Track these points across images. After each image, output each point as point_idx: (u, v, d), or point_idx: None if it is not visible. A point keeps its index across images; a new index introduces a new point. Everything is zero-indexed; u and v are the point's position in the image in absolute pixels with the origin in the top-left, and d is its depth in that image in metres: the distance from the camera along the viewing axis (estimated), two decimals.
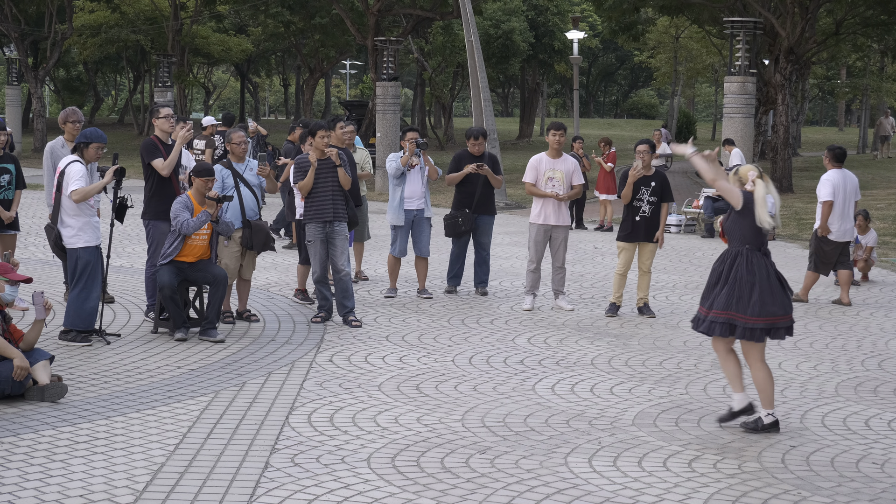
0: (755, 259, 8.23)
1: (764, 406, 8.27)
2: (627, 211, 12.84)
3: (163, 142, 11.65)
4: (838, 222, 13.81)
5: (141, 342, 10.85)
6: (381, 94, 31.70)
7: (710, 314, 8.26)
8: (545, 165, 13.17)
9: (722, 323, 8.21)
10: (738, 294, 8.16)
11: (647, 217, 12.77)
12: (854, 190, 13.99)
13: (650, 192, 12.75)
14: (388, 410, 8.62)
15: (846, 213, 13.89)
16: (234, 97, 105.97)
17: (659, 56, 67.72)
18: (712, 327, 8.26)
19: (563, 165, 13.21)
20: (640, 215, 12.75)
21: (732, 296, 8.17)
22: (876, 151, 49.29)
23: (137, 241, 18.00)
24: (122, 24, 56.40)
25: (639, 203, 12.76)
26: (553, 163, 13.20)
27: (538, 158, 13.27)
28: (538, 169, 13.16)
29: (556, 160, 13.23)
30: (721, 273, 8.31)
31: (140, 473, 7.00)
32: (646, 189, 12.75)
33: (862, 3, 34.37)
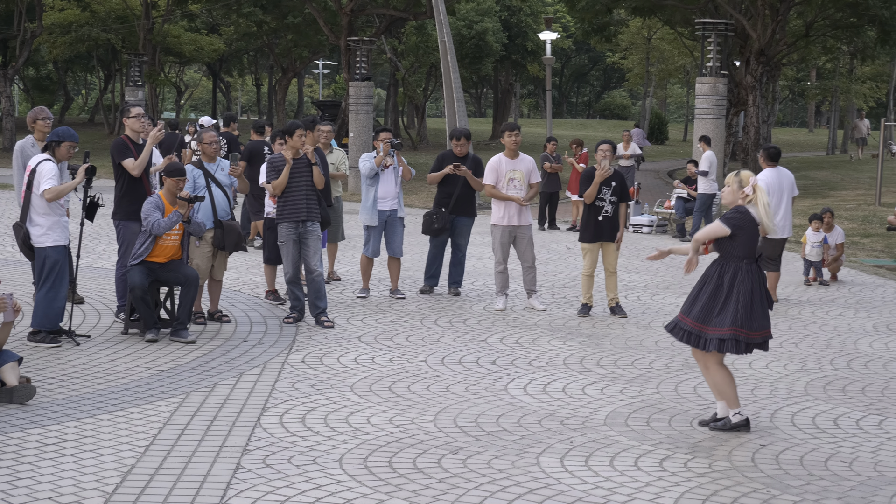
0: (754, 272, 8.22)
1: (730, 406, 8.29)
2: (589, 211, 12.90)
3: (133, 141, 11.60)
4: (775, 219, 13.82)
5: (111, 343, 10.80)
6: (354, 95, 31.65)
7: (717, 331, 8.14)
8: (505, 167, 13.19)
9: (728, 339, 8.14)
10: (743, 310, 8.11)
11: (610, 217, 12.84)
12: (790, 187, 14.11)
13: (611, 192, 12.84)
14: (361, 411, 8.61)
15: (781, 209, 13.96)
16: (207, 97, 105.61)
17: (631, 57, 67.93)
18: (723, 345, 8.18)
19: (521, 165, 13.25)
20: (603, 215, 12.83)
21: (738, 312, 8.11)
22: (853, 153, 49.51)
23: (108, 242, 17.92)
24: (93, 23, 56.10)
25: (601, 203, 12.83)
26: (512, 163, 13.23)
27: (497, 160, 13.28)
28: (498, 170, 13.18)
29: (514, 160, 13.27)
30: (721, 287, 8.21)
31: (110, 475, 6.97)
32: (607, 189, 12.83)
33: (832, 5, 34.57)
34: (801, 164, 47.38)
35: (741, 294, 8.14)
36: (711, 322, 8.17)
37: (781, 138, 72.92)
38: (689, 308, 8.31)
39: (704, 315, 8.22)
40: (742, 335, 8.13)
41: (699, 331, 8.20)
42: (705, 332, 8.17)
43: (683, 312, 8.34)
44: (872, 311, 13.66)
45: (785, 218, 14.03)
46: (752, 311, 8.16)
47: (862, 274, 16.94)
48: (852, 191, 32.47)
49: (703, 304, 8.23)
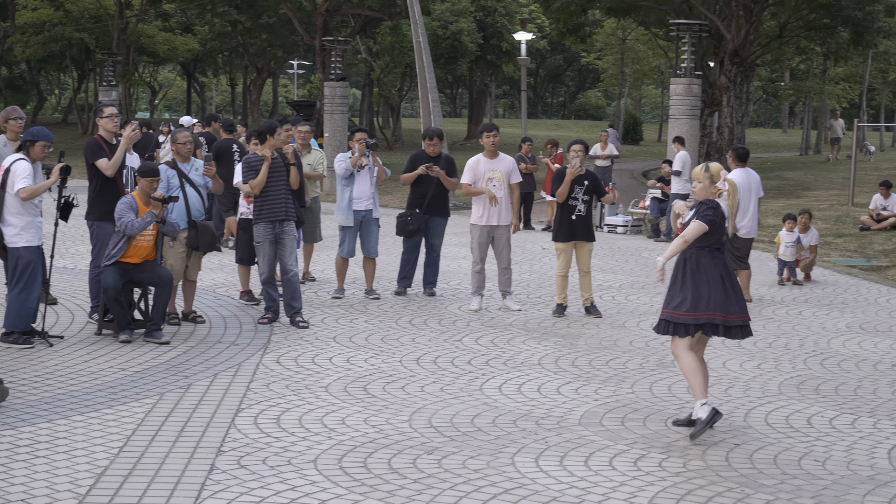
0: (718, 258, 8.26)
1: (696, 398, 8.23)
2: (563, 211, 12.93)
3: (107, 141, 11.55)
4: (742, 219, 14.02)
5: (84, 344, 10.75)
6: (329, 95, 31.61)
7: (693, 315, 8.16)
8: (483, 167, 13.20)
9: (706, 324, 8.17)
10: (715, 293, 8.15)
11: (583, 216, 12.88)
12: (757, 187, 14.27)
13: (584, 191, 12.88)
14: (335, 412, 8.60)
15: (749, 210, 14.12)
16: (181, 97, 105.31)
17: (606, 58, 68.10)
18: (700, 329, 8.20)
19: (501, 165, 13.26)
20: (576, 214, 12.86)
21: (710, 296, 8.15)
22: (830, 154, 49.65)
23: (81, 242, 17.83)
24: (66, 23, 55.86)
25: (574, 202, 12.87)
26: (491, 164, 13.24)
27: (476, 160, 13.30)
28: (476, 170, 13.19)
29: (493, 161, 13.28)
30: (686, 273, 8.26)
31: (83, 477, 6.93)
32: (580, 188, 12.87)
33: (805, 6, 34.75)
34: (775, 165, 47.57)
35: (710, 278, 8.18)
36: (683, 307, 8.19)
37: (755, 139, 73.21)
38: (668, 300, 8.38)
39: (669, 300, 8.28)
40: (719, 318, 8.15)
41: (674, 317, 8.21)
42: (683, 318, 8.18)
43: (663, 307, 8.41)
44: (846, 311, 13.73)
45: (753, 218, 14.17)
46: (727, 294, 8.18)
47: (835, 274, 17.02)
48: (826, 191, 32.62)
49: (675, 292, 8.28)
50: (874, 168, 41.14)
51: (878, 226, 22.40)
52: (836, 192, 31.37)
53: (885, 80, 70.10)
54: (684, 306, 8.18)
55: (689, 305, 8.16)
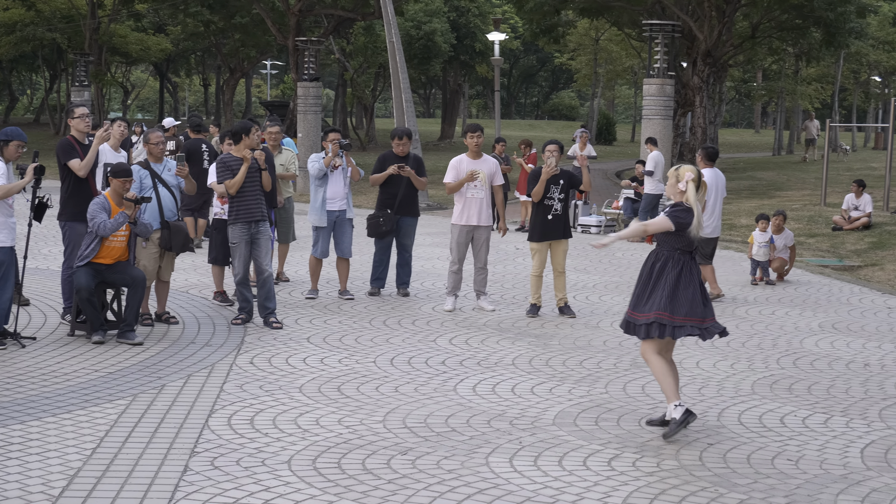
0: (685, 261, 8.29)
1: (669, 400, 8.27)
2: (538, 211, 12.94)
3: (79, 142, 11.50)
4: (708, 219, 14.19)
5: (57, 345, 10.70)
6: (302, 95, 31.56)
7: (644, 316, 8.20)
8: (466, 166, 13.21)
9: (653, 324, 8.19)
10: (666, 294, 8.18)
11: (559, 215, 12.90)
12: (722, 188, 14.57)
13: (559, 189, 12.90)
14: (309, 412, 8.58)
15: (715, 210, 14.40)
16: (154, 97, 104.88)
17: (579, 58, 68.24)
18: (649, 329, 8.19)
19: (484, 166, 13.27)
20: (552, 213, 12.87)
21: (661, 297, 8.17)
22: (805, 154, 49.79)
23: (54, 243, 17.74)
24: (38, 23, 55.55)
25: (549, 202, 12.88)
26: (474, 164, 13.24)
27: (459, 159, 13.31)
28: (459, 169, 13.20)
29: (476, 161, 13.28)
30: (651, 275, 8.29)
31: (56, 479, 6.90)
32: (555, 188, 12.89)
33: (777, 7, 34.91)
34: (748, 165, 47.77)
35: (667, 279, 8.22)
36: (641, 308, 8.23)
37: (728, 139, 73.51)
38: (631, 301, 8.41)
39: (636, 302, 8.31)
40: (665, 318, 8.15)
41: (631, 318, 8.28)
42: (635, 318, 8.24)
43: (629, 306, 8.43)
44: (818, 311, 13.80)
45: (718, 218, 14.47)
46: (676, 295, 8.18)
47: (808, 273, 17.11)
48: (798, 191, 32.77)
49: (636, 292, 8.32)
50: (846, 168, 41.37)
51: (850, 225, 22.53)
52: (809, 193, 31.53)
53: (857, 81, 70.54)
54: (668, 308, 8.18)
55: (668, 308, 8.17)
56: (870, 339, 12.08)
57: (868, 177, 31.14)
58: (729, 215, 25.86)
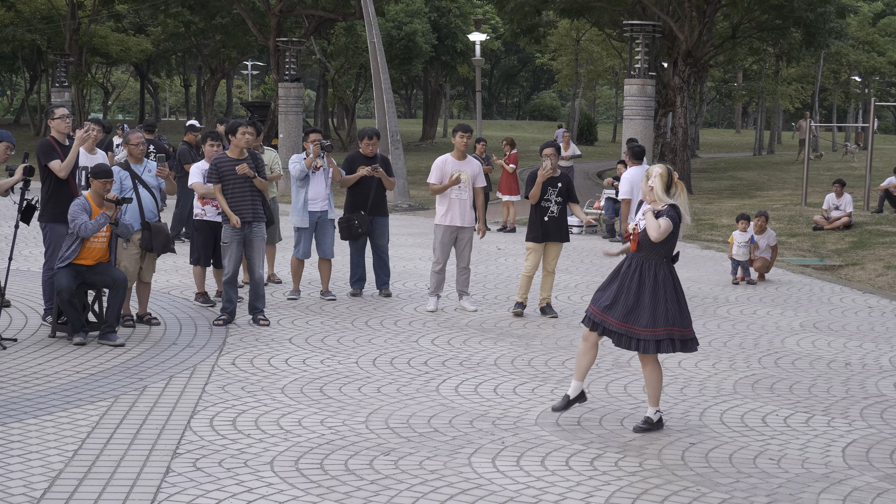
0: (672, 272, 8.34)
1: (654, 404, 8.37)
2: (535, 212, 12.93)
3: (59, 143, 11.46)
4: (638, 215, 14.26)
5: (38, 347, 10.66)
6: (284, 96, 31.51)
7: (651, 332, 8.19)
8: (451, 167, 13.19)
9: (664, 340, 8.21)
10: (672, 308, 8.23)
11: (556, 217, 12.90)
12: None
13: (557, 192, 12.88)
14: (292, 413, 8.57)
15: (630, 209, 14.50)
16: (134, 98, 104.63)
17: (560, 58, 68.37)
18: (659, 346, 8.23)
19: (468, 167, 13.25)
20: (549, 216, 12.87)
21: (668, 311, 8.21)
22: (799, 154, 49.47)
23: (34, 244, 17.67)
24: (18, 23, 55.33)
25: (546, 203, 12.88)
26: (458, 164, 13.23)
27: (443, 160, 13.30)
28: (443, 170, 13.19)
29: (461, 162, 13.27)
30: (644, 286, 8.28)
31: (38, 480, 6.87)
32: (553, 190, 12.88)
33: (757, 7, 35.02)
34: (729, 165, 47.95)
35: (667, 293, 8.23)
36: (641, 322, 8.22)
37: (709, 139, 73.77)
38: (610, 305, 8.33)
39: (627, 314, 8.27)
40: (676, 333, 8.22)
41: (627, 331, 8.25)
42: (635, 333, 8.22)
43: (603, 310, 8.35)
44: (799, 310, 13.85)
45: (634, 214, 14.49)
46: (681, 308, 8.26)
47: (789, 273, 17.16)
48: (779, 191, 32.90)
49: (629, 303, 8.27)
50: (826, 168, 41.55)
51: (831, 225, 22.62)
52: (790, 192, 31.66)
53: (837, 81, 70.89)
54: (641, 321, 8.20)
55: (648, 321, 8.20)
56: (851, 338, 12.13)
57: (848, 177, 31.29)
58: (710, 215, 25.94)
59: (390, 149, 27.26)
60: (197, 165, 13.17)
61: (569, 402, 8.63)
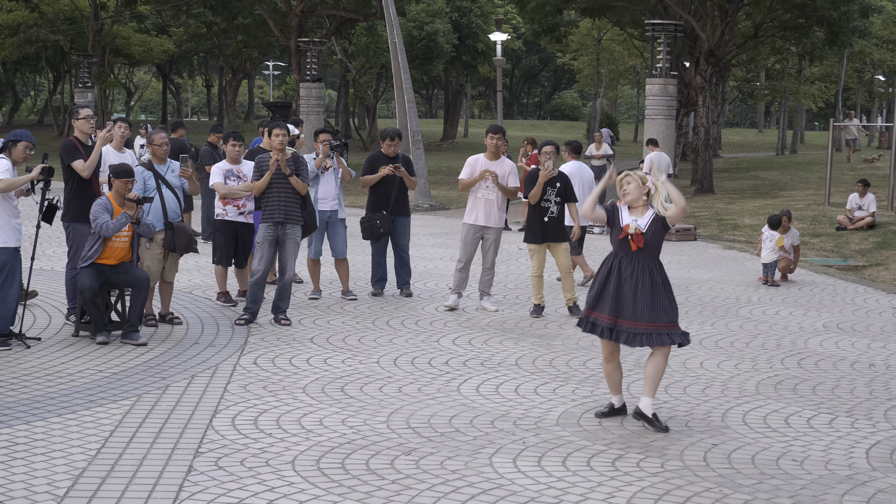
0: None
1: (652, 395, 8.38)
2: (534, 213, 12.93)
3: (83, 143, 11.51)
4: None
5: (62, 346, 10.70)
6: (305, 96, 31.59)
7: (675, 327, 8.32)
8: (482, 166, 13.17)
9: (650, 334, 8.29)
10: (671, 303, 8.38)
11: (555, 217, 12.89)
12: (590, 181, 15.29)
13: (556, 192, 12.89)
14: (313, 412, 8.58)
15: (584, 199, 14.60)
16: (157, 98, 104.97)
17: (581, 58, 68.25)
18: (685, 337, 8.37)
19: (499, 168, 13.20)
20: (549, 216, 12.86)
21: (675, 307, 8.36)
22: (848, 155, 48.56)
23: (58, 244, 17.75)
24: (42, 24, 55.63)
25: (546, 204, 12.88)
26: (489, 164, 13.20)
27: (475, 158, 13.30)
28: (474, 167, 13.17)
29: (492, 162, 13.24)
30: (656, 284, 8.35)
31: (61, 479, 6.90)
32: (552, 190, 12.89)
33: (780, 6, 34.88)
34: (751, 165, 47.76)
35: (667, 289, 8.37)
36: (663, 319, 8.26)
37: (731, 139, 73.53)
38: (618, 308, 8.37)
39: (650, 312, 8.29)
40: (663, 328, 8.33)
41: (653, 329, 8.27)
42: (660, 329, 8.25)
43: (613, 314, 8.39)
44: (822, 311, 13.79)
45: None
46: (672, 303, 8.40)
47: (812, 273, 17.09)
48: (802, 191, 32.76)
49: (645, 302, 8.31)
50: (850, 168, 41.35)
51: (855, 225, 22.51)
52: (813, 192, 31.52)
53: (861, 80, 70.55)
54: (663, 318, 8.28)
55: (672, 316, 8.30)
56: (874, 339, 12.07)
57: (872, 176, 31.12)
58: (732, 215, 25.85)
59: (411, 149, 27.28)
60: (218, 166, 13.20)
61: (613, 411, 8.64)
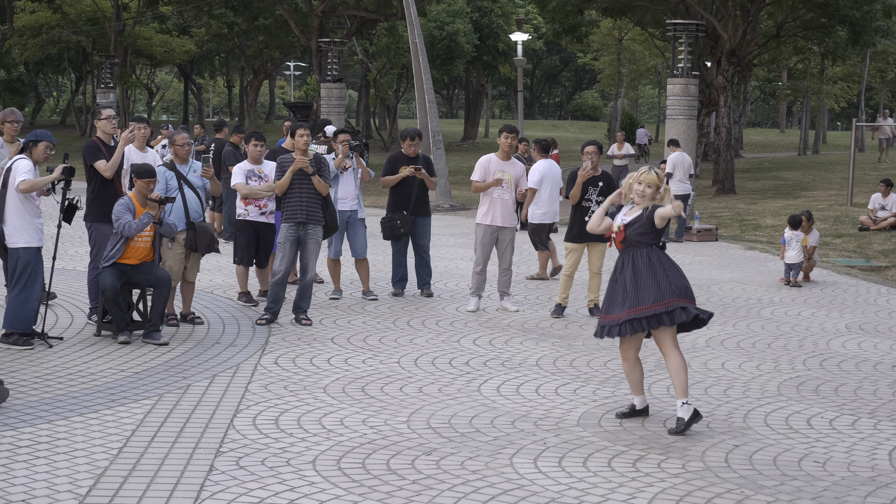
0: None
1: (679, 396, 8.32)
2: (576, 212, 12.86)
3: (105, 143, 11.55)
4: (546, 205, 15.57)
5: (84, 345, 10.74)
6: (326, 96, 31.63)
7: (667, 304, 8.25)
8: (494, 166, 13.15)
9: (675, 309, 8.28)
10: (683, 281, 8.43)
11: None
12: (558, 178, 15.77)
13: (598, 192, 12.78)
14: (334, 412, 8.59)
15: (552, 197, 15.77)
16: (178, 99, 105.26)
17: (602, 58, 68.11)
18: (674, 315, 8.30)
19: (512, 168, 13.19)
20: (590, 216, 12.74)
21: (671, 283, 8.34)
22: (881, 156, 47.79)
23: (80, 244, 17.83)
24: (64, 25, 55.89)
25: (587, 203, 12.80)
26: (502, 164, 13.18)
27: (488, 158, 13.26)
28: (487, 169, 13.14)
29: (505, 162, 13.22)
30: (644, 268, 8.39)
31: (83, 478, 6.93)
32: (593, 189, 12.79)
33: (802, 6, 34.75)
34: (773, 165, 47.60)
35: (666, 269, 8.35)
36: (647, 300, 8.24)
37: (753, 139, 73.27)
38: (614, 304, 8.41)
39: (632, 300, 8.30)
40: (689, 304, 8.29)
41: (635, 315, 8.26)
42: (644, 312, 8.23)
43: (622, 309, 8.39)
44: (845, 312, 13.73)
45: (552, 205, 15.62)
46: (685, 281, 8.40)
47: (834, 274, 17.02)
48: (824, 191, 32.64)
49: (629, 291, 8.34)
50: (872, 168, 41.16)
51: (877, 226, 22.41)
52: (835, 193, 31.40)
53: (884, 80, 70.18)
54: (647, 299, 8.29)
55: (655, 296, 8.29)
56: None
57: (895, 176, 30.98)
58: (754, 216, 25.78)
59: (432, 149, 27.28)
60: (239, 166, 13.22)
61: (634, 412, 8.62)
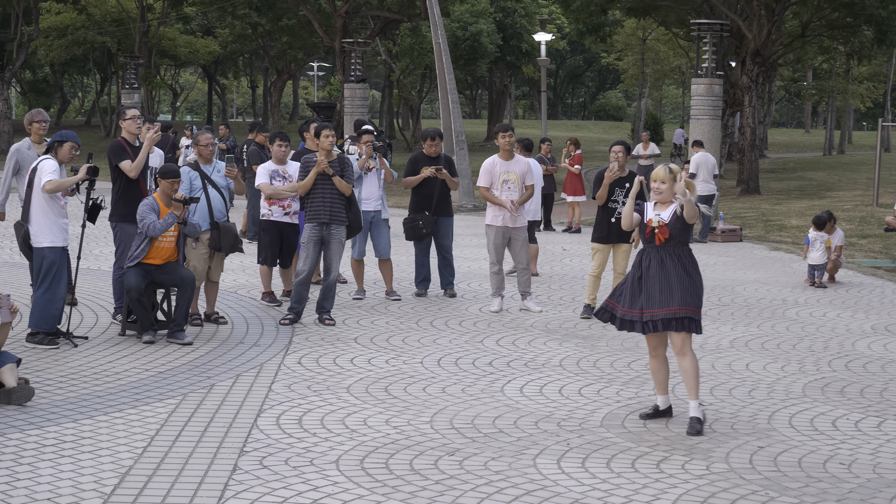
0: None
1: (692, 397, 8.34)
2: (602, 212, 12.80)
3: (130, 143, 11.60)
4: (528, 203, 15.44)
5: (108, 345, 10.79)
6: (349, 96, 31.67)
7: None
8: (499, 168, 13.10)
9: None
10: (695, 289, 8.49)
11: None
12: (539, 175, 15.66)
13: (625, 193, 12.67)
14: (357, 412, 8.60)
15: (536, 196, 15.79)
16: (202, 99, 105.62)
17: (626, 58, 68.00)
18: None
19: (516, 167, 13.16)
20: (616, 216, 12.67)
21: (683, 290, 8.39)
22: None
23: (105, 244, 17.90)
24: (89, 26, 56.18)
25: (614, 204, 12.71)
26: (506, 165, 13.14)
27: (491, 162, 13.18)
28: (493, 172, 13.10)
29: (508, 162, 13.18)
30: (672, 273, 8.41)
31: (108, 476, 6.96)
32: (620, 190, 12.69)
33: (827, 5, 34.60)
34: (798, 165, 47.41)
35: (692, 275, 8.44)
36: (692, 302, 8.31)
37: (778, 139, 73.00)
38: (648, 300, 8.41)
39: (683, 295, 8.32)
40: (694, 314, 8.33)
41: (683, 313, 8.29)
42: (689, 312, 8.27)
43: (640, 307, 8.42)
44: (871, 313, 13.66)
45: (534, 202, 15.77)
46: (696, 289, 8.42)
47: (860, 275, 16.94)
48: (849, 192, 32.49)
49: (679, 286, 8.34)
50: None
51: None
52: (861, 193, 31.25)
53: None
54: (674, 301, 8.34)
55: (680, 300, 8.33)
56: None
57: None
58: (778, 216, 25.69)
59: (455, 149, 27.27)
60: (263, 166, 13.24)
61: (657, 413, 8.60)
